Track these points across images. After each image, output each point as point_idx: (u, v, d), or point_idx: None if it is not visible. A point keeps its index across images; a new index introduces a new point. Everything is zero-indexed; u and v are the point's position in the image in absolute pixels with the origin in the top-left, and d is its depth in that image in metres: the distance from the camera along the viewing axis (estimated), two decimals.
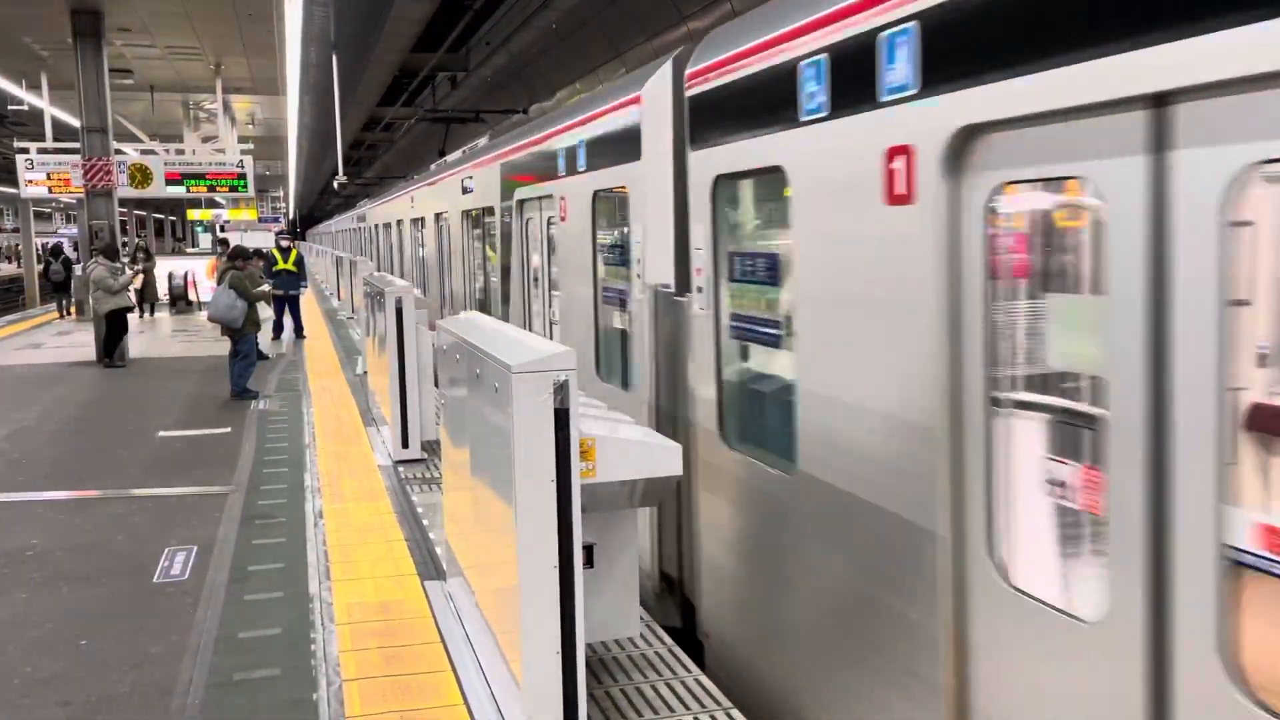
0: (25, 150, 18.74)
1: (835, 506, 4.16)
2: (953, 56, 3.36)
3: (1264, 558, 2.57)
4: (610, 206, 6.99)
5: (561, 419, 3.74)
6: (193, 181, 19.74)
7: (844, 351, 4.07)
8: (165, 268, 25.24)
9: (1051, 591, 3.23)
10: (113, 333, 15.68)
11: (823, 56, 4.10)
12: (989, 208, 3.32)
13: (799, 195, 4.37)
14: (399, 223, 20.22)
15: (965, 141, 3.37)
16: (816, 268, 4.26)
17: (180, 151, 20.64)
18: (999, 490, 3.39)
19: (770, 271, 4.83)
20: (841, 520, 4.13)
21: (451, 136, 26.20)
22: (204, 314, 17.83)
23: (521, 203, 9.35)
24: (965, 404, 3.46)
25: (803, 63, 4.24)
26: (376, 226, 25.19)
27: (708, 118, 5.27)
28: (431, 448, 8.99)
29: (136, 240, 33.70)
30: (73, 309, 24.83)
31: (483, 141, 16.15)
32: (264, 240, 28.79)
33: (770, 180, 4.72)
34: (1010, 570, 3.35)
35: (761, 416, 5.17)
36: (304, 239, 61.67)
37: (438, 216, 14.72)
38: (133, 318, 16.83)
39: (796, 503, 4.47)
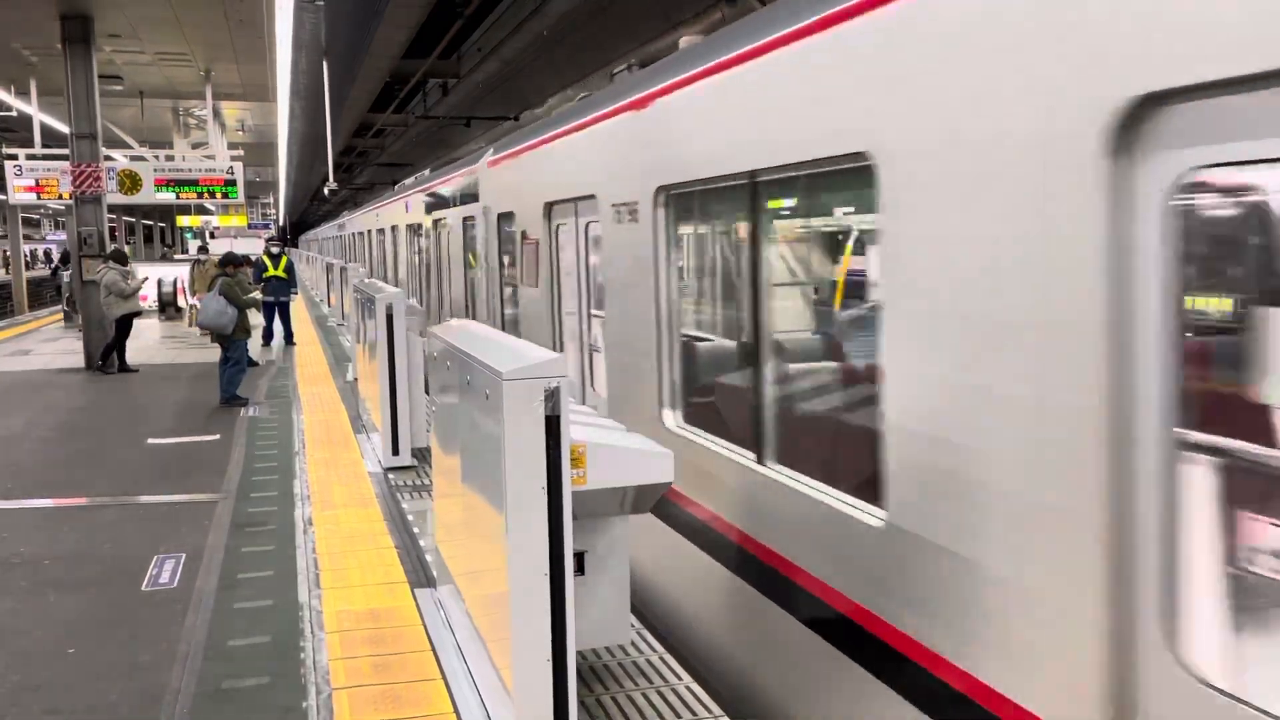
0: (14, 156, 18.66)
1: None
2: None
3: None
4: (469, 226, 12.69)
5: (552, 426, 3.73)
6: (182, 188, 19.67)
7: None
8: (155, 273, 25.17)
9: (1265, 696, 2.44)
10: (122, 337, 15.70)
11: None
12: None
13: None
14: (370, 231, 26.77)
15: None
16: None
17: (170, 158, 20.57)
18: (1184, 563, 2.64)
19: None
20: None
21: (444, 144, 26.22)
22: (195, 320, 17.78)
23: (435, 222, 15.62)
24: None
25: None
26: (353, 234, 32.92)
27: (493, 184, 11.00)
28: (422, 455, 8.97)
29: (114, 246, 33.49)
30: (61, 315, 24.75)
31: (426, 172, 22.12)
32: (253, 247, 28.74)
33: (508, 217, 10.24)
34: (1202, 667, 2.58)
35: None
36: (296, 246, 61.60)
37: (393, 228, 21.74)
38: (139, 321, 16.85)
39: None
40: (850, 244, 4.74)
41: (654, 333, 6.08)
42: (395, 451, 8.89)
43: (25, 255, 35.43)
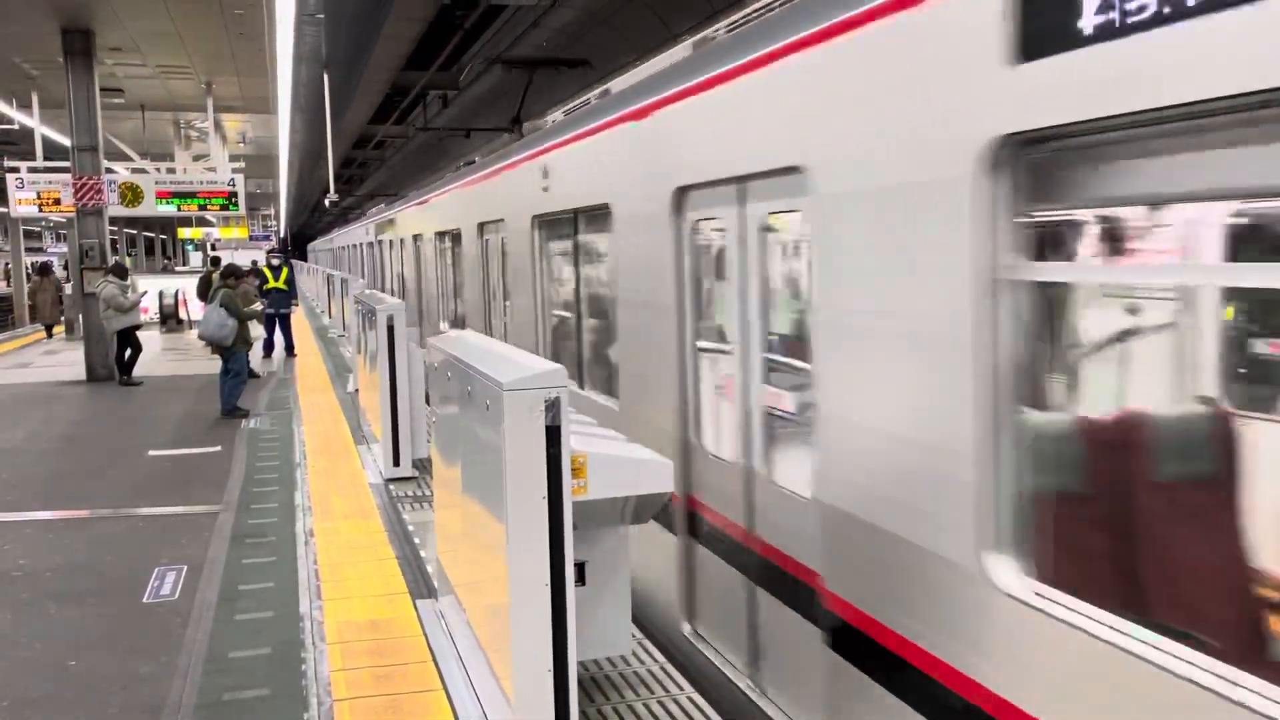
0: (15, 170, 18.69)
1: None
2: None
3: None
4: (452, 240, 14.02)
5: (553, 436, 3.74)
6: (184, 200, 19.70)
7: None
8: (156, 286, 25.22)
9: None
10: (124, 351, 15.71)
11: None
12: None
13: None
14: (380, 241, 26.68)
15: None
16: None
17: (171, 170, 20.61)
18: None
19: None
20: None
21: (445, 155, 26.22)
22: (194, 332, 17.80)
23: (415, 236, 17.38)
24: None
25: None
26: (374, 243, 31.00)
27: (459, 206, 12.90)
28: (423, 465, 8.97)
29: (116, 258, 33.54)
30: (61, 326, 24.75)
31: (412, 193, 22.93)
32: (255, 258, 28.77)
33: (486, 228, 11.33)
34: None
35: None
36: (304, 258, 61.69)
37: (403, 238, 21.27)
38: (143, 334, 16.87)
39: None
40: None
41: (535, 312, 8.96)
42: (396, 462, 8.89)
43: (26, 267, 35.45)
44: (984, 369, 3.10)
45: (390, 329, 8.81)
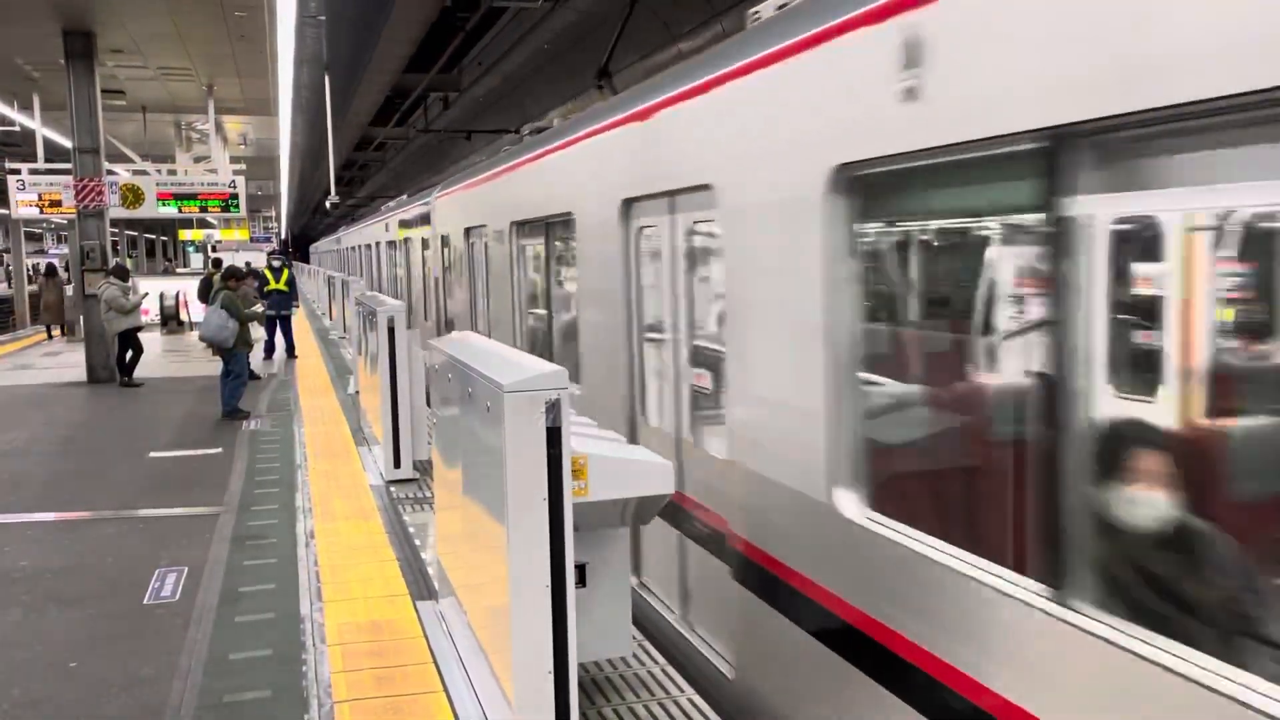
0: (16, 171, 18.69)
1: None
2: None
3: None
4: (423, 243, 15.83)
5: (553, 437, 3.74)
6: (185, 201, 19.72)
7: None
8: (157, 287, 25.22)
9: None
10: (125, 352, 15.70)
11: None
12: None
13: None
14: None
15: None
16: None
17: (172, 172, 20.63)
18: None
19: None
20: None
21: (446, 157, 26.14)
22: (195, 334, 17.81)
23: (405, 239, 18.38)
24: None
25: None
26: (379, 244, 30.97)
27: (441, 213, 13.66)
28: (423, 467, 8.97)
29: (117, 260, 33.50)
30: (63, 328, 24.75)
31: (404, 197, 23.19)
32: (257, 260, 28.77)
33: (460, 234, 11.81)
34: None
35: None
36: (306, 260, 61.54)
37: (396, 240, 21.75)
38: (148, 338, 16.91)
39: None
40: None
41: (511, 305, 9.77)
42: (397, 464, 8.90)
43: (28, 269, 35.47)
44: (831, 346, 3.97)
45: (391, 331, 8.81)
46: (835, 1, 3.94)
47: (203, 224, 41.16)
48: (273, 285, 18.77)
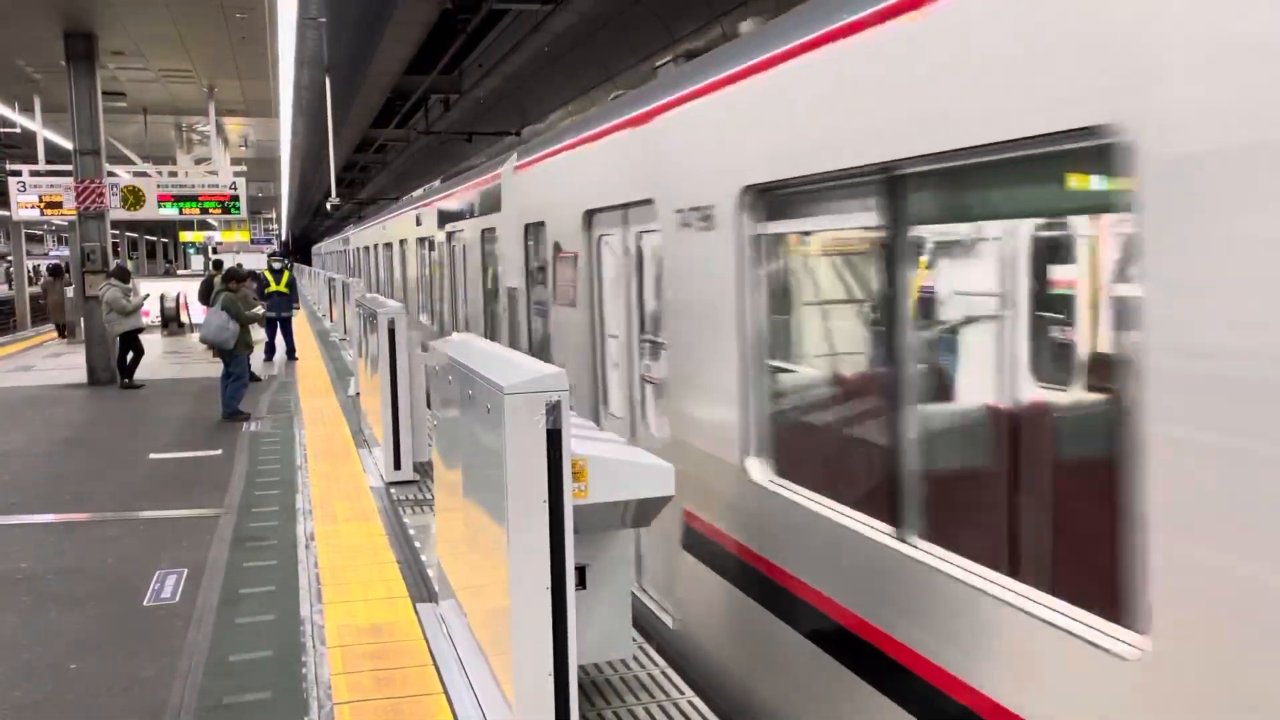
0: (17, 173, 18.70)
1: None
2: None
3: None
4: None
5: (554, 439, 3.74)
6: (185, 203, 19.71)
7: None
8: (158, 289, 25.23)
9: None
10: (125, 354, 15.70)
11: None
12: None
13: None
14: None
15: None
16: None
17: (173, 173, 20.62)
18: None
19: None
20: None
21: (447, 158, 26.21)
22: (195, 335, 17.81)
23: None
24: None
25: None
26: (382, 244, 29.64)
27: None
28: (424, 469, 8.97)
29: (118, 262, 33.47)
30: (64, 329, 24.76)
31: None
32: (257, 262, 28.78)
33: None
34: None
35: None
36: (307, 262, 61.36)
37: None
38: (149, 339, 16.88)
39: None
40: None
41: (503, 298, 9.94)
42: (397, 466, 8.90)
43: (29, 270, 35.51)
44: (742, 335, 4.77)
45: (391, 333, 8.82)
46: (729, 55, 4.88)
47: (203, 226, 41.15)
48: (273, 287, 18.78)
